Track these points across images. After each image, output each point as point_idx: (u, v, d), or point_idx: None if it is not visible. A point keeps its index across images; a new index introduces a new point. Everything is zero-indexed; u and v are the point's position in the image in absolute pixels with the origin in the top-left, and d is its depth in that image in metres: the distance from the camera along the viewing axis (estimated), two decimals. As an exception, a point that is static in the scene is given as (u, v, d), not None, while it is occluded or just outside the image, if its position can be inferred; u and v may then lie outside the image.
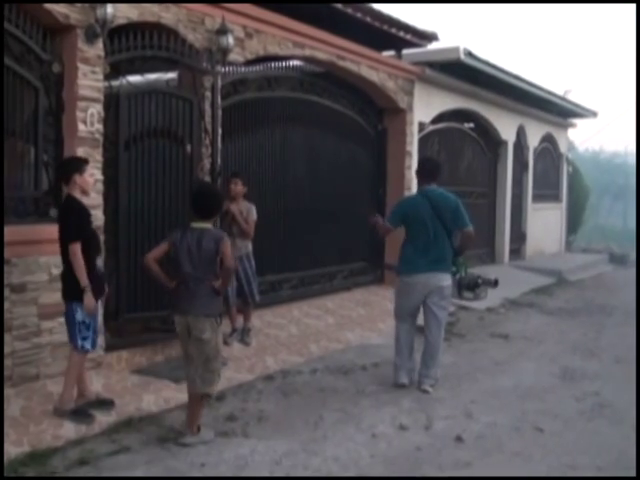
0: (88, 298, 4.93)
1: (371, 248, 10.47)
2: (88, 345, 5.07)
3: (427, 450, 4.90)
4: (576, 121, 18.88)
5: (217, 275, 4.88)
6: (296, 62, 8.94)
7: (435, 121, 11.85)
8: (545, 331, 9.12)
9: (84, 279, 4.91)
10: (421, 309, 6.41)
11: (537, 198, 16.47)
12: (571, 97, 17.09)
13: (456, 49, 10.71)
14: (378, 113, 10.77)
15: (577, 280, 13.92)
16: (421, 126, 11.24)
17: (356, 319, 8.90)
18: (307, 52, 8.55)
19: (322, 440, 5.00)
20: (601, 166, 26.64)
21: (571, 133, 20.46)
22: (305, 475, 4.42)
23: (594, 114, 18.34)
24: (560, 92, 16.39)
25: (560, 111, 16.96)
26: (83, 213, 5.07)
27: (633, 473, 4.58)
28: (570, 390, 6.47)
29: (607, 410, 5.93)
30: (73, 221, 4.98)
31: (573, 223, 19.37)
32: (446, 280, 6.32)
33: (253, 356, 6.90)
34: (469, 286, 6.96)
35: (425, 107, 11.24)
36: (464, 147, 13.24)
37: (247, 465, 4.51)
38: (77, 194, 5.09)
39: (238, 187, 7.21)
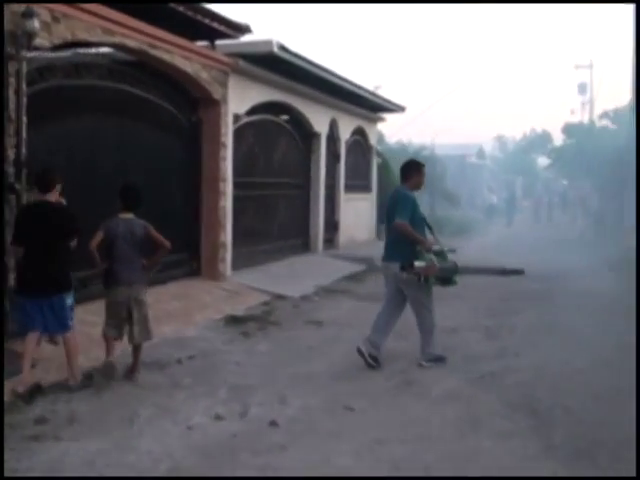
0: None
1: (188, 240, 10.40)
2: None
3: (242, 437, 4.99)
4: (386, 115, 19.72)
5: (144, 255, 6.27)
6: (106, 49, 8.68)
7: (250, 113, 11.93)
8: (357, 316, 9.47)
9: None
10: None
11: (349, 188, 17.06)
12: (381, 92, 17.86)
13: (269, 42, 10.84)
14: (193, 104, 10.68)
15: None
16: (236, 118, 11.29)
17: (172, 312, 8.80)
18: (117, 39, 8.31)
19: (137, 436, 4.96)
20: (409, 158, 27.94)
21: (382, 126, 21.38)
22: (118, 475, 4.36)
23: (402, 109, 19.26)
24: (371, 87, 17.08)
25: (370, 105, 17.64)
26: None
27: (434, 443, 4.93)
28: (379, 370, 6.81)
29: (413, 387, 6.32)
30: (75, 222, 6.03)
31: (383, 212, 20.18)
32: (395, 268, 6.86)
33: (63, 355, 6.65)
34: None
35: (240, 99, 11.29)
36: (279, 139, 13.45)
37: (60, 468, 4.38)
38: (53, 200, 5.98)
39: None
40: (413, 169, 7.21)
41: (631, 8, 19.13)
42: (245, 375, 6.55)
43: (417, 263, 6.75)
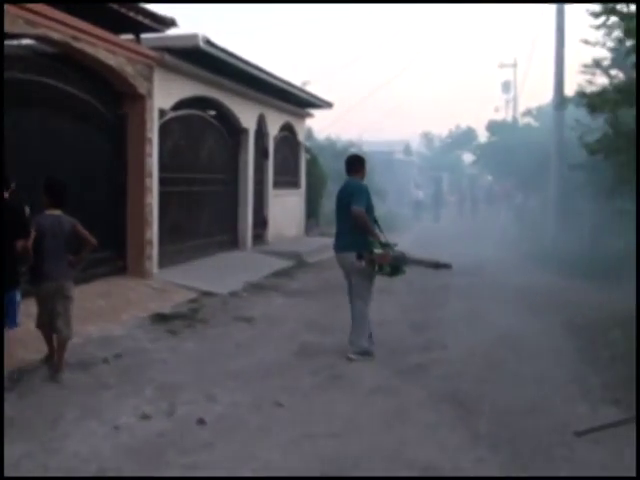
0: None
1: (113, 238, 10.21)
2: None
3: (170, 435, 4.94)
4: (314, 111, 19.77)
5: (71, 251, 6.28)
6: (29, 41, 8.43)
7: (176, 108, 11.78)
8: (286, 312, 9.52)
9: None
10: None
11: (277, 185, 17.03)
12: (310, 88, 17.87)
13: (195, 36, 10.71)
14: (118, 99, 10.48)
15: (316, 262, 14.59)
16: (162, 113, 11.12)
17: (97, 311, 8.62)
18: (40, 31, 8.07)
19: (63, 438, 4.85)
20: (337, 154, 28.10)
21: (311, 122, 21.43)
22: (46, 475, 4.26)
23: (330, 105, 19.31)
24: (299, 83, 17.09)
25: (299, 101, 17.65)
26: None
27: (361, 435, 4.98)
28: (307, 365, 6.84)
29: (341, 381, 6.38)
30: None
31: (312, 208, 20.27)
32: (349, 257, 7.15)
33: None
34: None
35: (166, 94, 11.14)
36: (206, 135, 13.31)
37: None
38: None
39: None
40: (361, 162, 7.54)
41: (553, 8, 19.54)
42: (172, 373, 6.48)
43: (376, 251, 6.98)
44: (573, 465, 4.58)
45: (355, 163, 7.51)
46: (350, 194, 7.16)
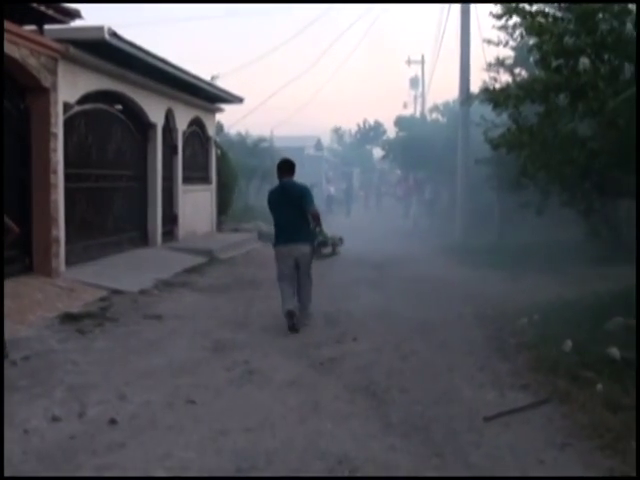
0: None
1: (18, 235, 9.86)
2: None
3: (81, 437, 4.84)
4: (224, 106, 19.63)
5: None
6: None
7: (82, 102, 11.49)
8: (198, 308, 9.44)
9: None
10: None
11: (187, 180, 16.83)
12: (219, 83, 17.72)
13: (100, 28, 10.47)
14: (20, 92, 10.13)
15: (228, 258, 14.54)
16: (67, 107, 10.82)
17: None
18: None
19: (-31, 442, 4.68)
20: (249, 149, 27.99)
21: (222, 117, 21.26)
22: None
23: (240, 100, 19.23)
24: (208, 78, 16.90)
25: (208, 96, 17.50)
26: None
27: (276, 429, 5.00)
28: (221, 361, 6.81)
29: (255, 376, 6.36)
30: None
31: (223, 204, 20.14)
32: (304, 247, 8.47)
33: None
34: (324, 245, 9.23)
35: (70, 87, 10.85)
36: (113, 129, 13.03)
37: None
38: None
39: None
40: (294, 166, 8.87)
41: (458, 7, 20.02)
42: (83, 374, 6.33)
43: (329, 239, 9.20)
44: (483, 448, 4.72)
45: (292, 166, 8.83)
46: (302, 194, 8.48)
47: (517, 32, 9.50)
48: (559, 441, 4.78)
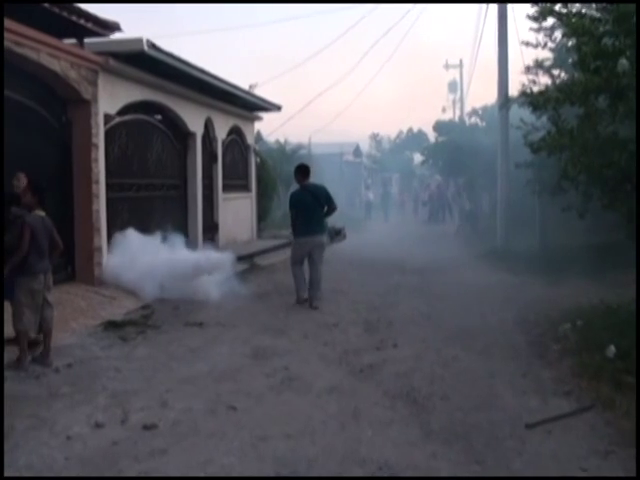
0: None
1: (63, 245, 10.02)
2: None
3: (123, 444, 4.89)
4: (263, 114, 19.73)
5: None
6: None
7: (122, 113, 11.65)
8: (238, 315, 9.48)
9: None
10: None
11: (227, 189, 16.94)
12: (257, 91, 17.81)
13: (139, 40, 10.61)
14: (62, 104, 10.32)
15: (268, 265, 14.58)
16: (107, 118, 10.98)
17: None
18: (-21, 37, 7.94)
19: (14, 450, 4.74)
20: (287, 157, 28.10)
21: (260, 125, 21.38)
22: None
23: (278, 107, 19.30)
24: (246, 86, 17.00)
25: (246, 104, 17.60)
26: None
27: (316, 436, 4.99)
28: (261, 368, 6.83)
29: (295, 382, 6.37)
30: None
31: (262, 211, 20.23)
32: (322, 238, 10.30)
33: None
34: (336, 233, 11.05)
35: (111, 98, 11.01)
36: (153, 139, 13.17)
37: None
38: None
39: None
40: (310, 169, 10.62)
41: (495, 11, 19.84)
42: (125, 381, 6.41)
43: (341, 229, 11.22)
44: (525, 456, 4.66)
45: (309, 170, 10.56)
46: (327, 194, 10.31)
47: (555, 34, 9.40)
48: (602, 449, 4.71)
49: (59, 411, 5.56)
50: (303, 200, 10.23)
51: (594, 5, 8.23)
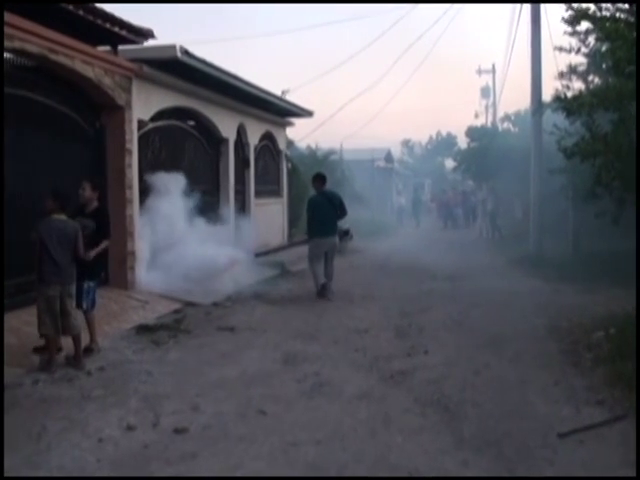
0: None
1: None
2: None
3: (154, 447, 4.93)
4: (294, 120, 19.79)
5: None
6: (5, 55, 8.39)
7: (155, 119, 11.77)
8: (269, 320, 9.51)
9: None
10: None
11: (260, 194, 17.02)
12: (289, 97, 17.86)
13: (173, 47, 10.72)
14: (96, 110, 10.45)
15: (299, 270, 14.59)
16: (141, 124, 11.10)
17: (81, 323, 8.57)
18: (17, 44, 8.04)
19: (46, 451, 4.83)
20: (318, 162, 28.14)
21: (291, 131, 21.44)
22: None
23: (310, 113, 19.35)
24: (278, 92, 17.07)
25: (278, 110, 17.67)
26: None
27: (347, 442, 4.99)
28: (292, 373, 6.84)
29: (326, 388, 6.37)
30: None
31: (294, 216, 20.26)
32: (335, 239, 11.73)
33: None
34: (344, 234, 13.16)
35: (144, 104, 11.13)
36: (186, 145, 13.29)
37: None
38: None
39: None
40: (326, 177, 11.93)
41: (527, 15, 19.73)
42: (157, 384, 6.46)
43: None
44: (556, 466, 4.61)
45: (326, 178, 11.89)
46: (341, 200, 11.71)
47: (589, 38, 9.31)
48: (634, 459, 4.63)
49: (91, 413, 5.62)
50: (320, 204, 11.48)
51: (628, 8, 8.14)
